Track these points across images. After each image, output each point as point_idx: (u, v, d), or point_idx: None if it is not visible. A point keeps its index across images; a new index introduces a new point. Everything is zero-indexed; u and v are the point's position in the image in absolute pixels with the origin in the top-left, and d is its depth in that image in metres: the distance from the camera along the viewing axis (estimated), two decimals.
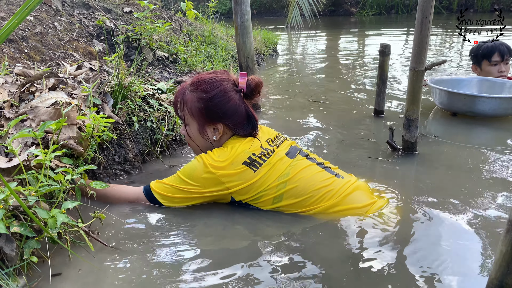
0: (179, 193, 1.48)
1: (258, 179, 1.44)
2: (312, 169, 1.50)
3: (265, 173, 1.45)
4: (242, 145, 1.48)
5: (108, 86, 1.90)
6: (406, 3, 12.37)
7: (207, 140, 1.56)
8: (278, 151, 1.52)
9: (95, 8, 3.72)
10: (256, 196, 1.46)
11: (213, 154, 1.47)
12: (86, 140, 1.46)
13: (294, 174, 1.46)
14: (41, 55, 2.69)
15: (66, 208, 1.12)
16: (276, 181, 1.45)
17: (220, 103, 1.50)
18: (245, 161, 1.45)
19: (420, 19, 1.85)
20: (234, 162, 1.44)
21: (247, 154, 1.46)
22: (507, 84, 2.78)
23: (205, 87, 1.51)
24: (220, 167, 1.44)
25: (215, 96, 1.50)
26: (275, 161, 1.47)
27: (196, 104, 1.51)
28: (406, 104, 2.02)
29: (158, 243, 1.35)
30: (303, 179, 1.45)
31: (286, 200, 1.46)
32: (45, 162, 1.09)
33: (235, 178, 1.44)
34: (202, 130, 1.54)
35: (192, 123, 1.55)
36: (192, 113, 1.53)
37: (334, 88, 3.61)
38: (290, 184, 1.45)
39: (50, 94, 1.51)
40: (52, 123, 1.10)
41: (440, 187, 1.70)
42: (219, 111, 1.51)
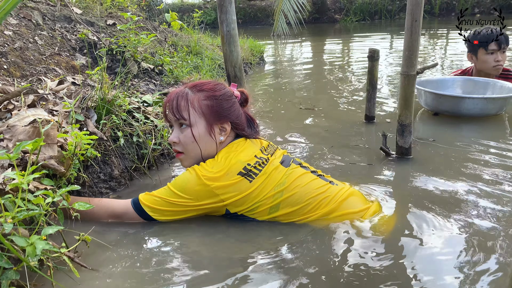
0: (170, 206, 1.41)
1: (254, 189, 1.40)
2: (307, 177, 1.48)
3: (261, 183, 1.41)
4: (237, 156, 1.44)
5: (91, 101, 1.83)
6: (389, 9, 12.50)
7: (213, 141, 1.49)
8: (272, 159, 1.48)
9: (77, 22, 3.64)
10: (252, 207, 1.42)
11: (206, 166, 1.42)
12: (68, 159, 1.38)
13: (290, 182, 1.43)
14: (21, 71, 2.60)
15: (46, 234, 1.04)
16: (272, 190, 1.42)
17: (229, 101, 1.51)
18: (240, 171, 1.40)
19: (410, 23, 1.82)
20: (229, 173, 1.39)
21: (242, 164, 1.42)
22: (490, 83, 2.82)
23: (211, 87, 1.51)
24: (215, 178, 1.38)
25: (224, 94, 1.50)
26: (270, 170, 1.44)
27: (206, 101, 1.48)
28: (398, 109, 1.98)
29: (149, 264, 1.28)
30: (299, 187, 1.43)
31: (283, 209, 1.42)
32: (21, 186, 1.01)
33: (230, 190, 1.39)
34: (210, 128, 1.48)
35: (200, 122, 1.47)
36: (201, 111, 1.47)
37: (323, 95, 3.57)
38: (286, 192, 1.42)
39: (29, 112, 1.43)
40: (28, 143, 1.03)
41: (435, 192, 1.66)
42: (229, 109, 1.50)
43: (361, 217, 1.43)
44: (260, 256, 1.30)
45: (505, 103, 2.54)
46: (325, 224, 1.42)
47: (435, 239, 1.34)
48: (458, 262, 1.22)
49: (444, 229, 1.39)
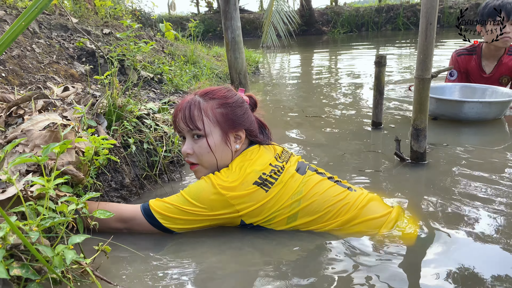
0: (182, 215, 1.34)
1: (271, 199, 1.34)
2: (325, 184, 1.42)
3: (277, 192, 1.35)
4: (252, 165, 1.38)
5: (100, 107, 1.76)
6: (375, 21, 12.71)
7: (229, 150, 1.44)
8: (288, 167, 1.43)
9: (73, 30, 3.57)
10: (269, 217, 1.36)
11: (221, 175, 1.36)
12: (85, 165, 1.31)
13: (308, 191, 1.38)
14: (20, 79, 2.51)
15: (73, 243, 0.97)
16: (289, 199, 1.36)
17: (242, 108, 1.46)
18: (256, 181, 1.34)
19: (424, 26, 1.81)
20: (244, 183, 1.34)
21: (257, 173, 1.36)
22: (488, 89, 2.87)
23: (223, 94, 1.45)
24: (230, 187, 1.32)
25: (236, 101, 1.46)
26: (286, 179, 1.38)
27: (220, 110, 1.42)
28: (413, 114, 1.97)
29: (168, 277, 1.21)
30: (317, 195, 1.38)
31: (301, 218, 1.37)
32: (48, 191, 0.94)
33: (246, 200, 1.33)
34: (226, 137, 1.42)
35: (215, 131, 1.41)
36: (216, 120, 1.41)
37: (325, 103, 3.55)
38: (304, 201, 1.36)
39: (42, 116, 1.36)
40: (56, 146, 0.96)
41: (454, 197, 1.63)
42: (243, 116, 1.45)
43: (384, 223, 1.37)
44: (278, 268, 1.24)
45: (503, 108, 2.58)
46: (346, 232, 1.37)
47: (459, 252, 1.29)
48: (487, 271, 1.18)
49: (469, 242, 1.34)
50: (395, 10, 12.54)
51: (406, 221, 1.42)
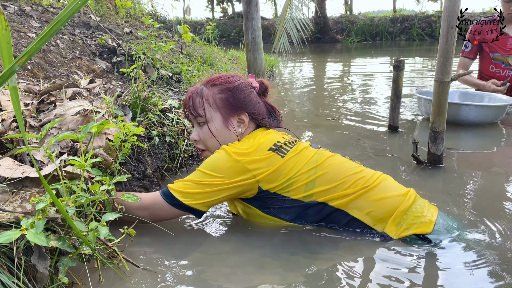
0: (201, 188, 1.33)
1: (287, 164, 1.35)
2: (339, 158, 1.45)
3: (293, 158, 1.37)
4: (264, 136, 1.41)
5: (126, 99, 1.81)
6: (390, 31, 12.71)
7: (232, 133, 1.45)
8: (300, 142, 1.47)
9: (95, 28, 3.65)
10: (286, 183, 1.35)
11: (235, 145, 1.38)
12: (113, 151, 1.36)
13: (323, 160, 1.39)
14: (44, 72, 2.59)
15: (107, 220, 1.01)
16: (306, 167, 1.37)
17: (244, 92, 1.46)
18: (271, 147, 1.37)
19: (445, 29, 1.84)
20: (259, 149, 1.36)
21: (272, 141, 1.39)
22: (486, 96, 2.99)
23: (225, 80, 1.47)
24: (245, 153, 1.34)
25: (238, 85, 1.46)
26: (301, 149, 1.41)
27: (220, 95, 1.44)
28: (431, 116, 1.98)
29: (192, 263, 1.24)
30: (333, 166, 1.39)
31: (319, 186, 1.35)
32: (84, 170, 0.98)
33: (263, 164, 1.34)
34: (227, 121, 1.44)
35: (216, 116, 1.44)
36: (216, 105, 1.43)
37: (340, 108, 3.58)
38: (320, 170, 1.37)
39: (73, 103, 1.41)
40: (94, 125, 1.00)
41: (474, 199, 1.64)
42: (244, 100, 1.45)
43: (402, 202, 1.33)
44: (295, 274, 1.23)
45: (500, 112, 2.70)
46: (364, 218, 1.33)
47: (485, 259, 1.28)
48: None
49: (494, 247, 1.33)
50: (410, 20, 12.55)
51: (422, 203, 1.37)
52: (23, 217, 0.93)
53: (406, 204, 1.33)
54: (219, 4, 16.20)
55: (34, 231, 0.85)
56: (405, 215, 1.32)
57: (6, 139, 1.22)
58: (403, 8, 14.94)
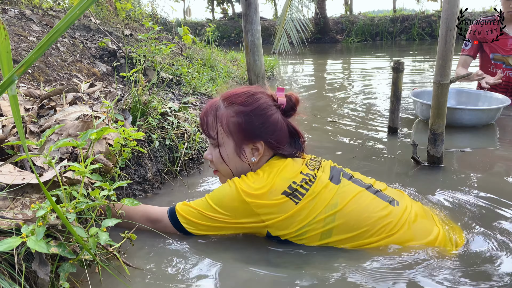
0: (205, 220, 1.28)
1: (301, 211, 1.22)
2: (364, 197, 1.27)
3: (309, 204, 1.23)
4: (280, 172, 1.27)
5: (126, 103, 1.82)
6: (390, 30, 12.71)
7: (244, 162, 1.33)
8: (320, 176, 1.28)
9: (95, 31, 3.66)
10: (299, 232, 1.24)
11: (247, 179, 1.26)
12: (113, 156, 1.36)
13: (344, 205, 1.23)
14: (45, 76, 2.60)
15: (107, 226, 1.02)
16: (323, 213, 1.23)
17: (263, 117, 1.29)
18: (285, 190, 1.23)
19: (444, 32, 1.84)
20: (272, 191, 1.22)
21: (287, 182, 1.24)
22: (481, 94, 3.01)
23: (244, 100, 1.30)
24: (256, 195, 1.22)
25: (257, 109, 1.28)
26: (319, 189, 1.24)
27: (234, 119, 1.29)
28: (430, 118, 1.99)
29: (194, 269, 1.24)
30: (355, 211, 1.23)
31: (337, 235, 1.24)
32: (84, 176, 0.99)
33: (273, 210, 1.22)
34: (240, 149, 1.31)
35: (228, 142, 1.31)
36: (229, 130, 1.29)
37: (340, 109, 3.58)
38: (340, 218, 1.23)
39: (73, 108, 1.42)
40: (93, 132, 1.01)
41: (475, 201, 1.64)
42: (261, 126, 1.29)
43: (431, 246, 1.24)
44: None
45: (495, 114, 2.71)
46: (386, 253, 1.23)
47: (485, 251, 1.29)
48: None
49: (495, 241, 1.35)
50: (410, 20, 12.55)
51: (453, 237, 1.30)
52: (23, 224, 0.93)
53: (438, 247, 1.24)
54: (219, 5, 16.23)
55: (34, 238, 0.86)
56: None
57: (7, 145, 1.23)
58: (403, 7, 14.94)
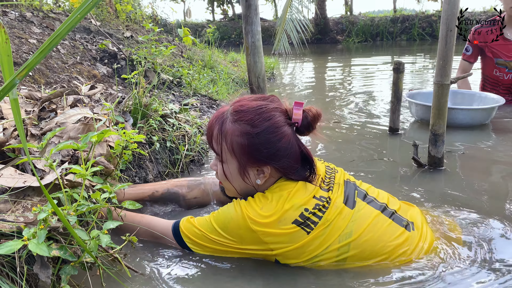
0: (210, 243, 1.21)
1: (313, 241, 1.14)
2: (380, 224, 1.19)
3: (321, 234, 1.14)
4: (292, 197, 1.16)
5: (126, 106, 1.82)
6: (390, 31, 12.71)
7: (248, 184, 1.22)
8: (334, 199, 1.19)
9: (96, 33, 3.67)
10: (310, 261, 1.17)
11: (255, 205, 1.15)
12: (114, 158, 1.37)
13: (359, 234, 1.15)
14: (45, 78, 2.60)
15: (108, 228, 1.02)
16: (336, 243, 1.15)
17: (270, 141, 1.15)
18: (296, 219, 1.13)
19: (444, 32, 1.84)
20: (281, 220, 1.12)
21: (298, 210, 1.14)
22: (476, 95, 3.05)
23: (252, 119, 1.15)
24: (264, 224, 1.12)
25: (264, 131, 1.14)
26: (333, 217, 1.15)
27: (239, 139, 1.15)
28: (431, 119, 1.99)
29: (195, 272, 1.25)
30: (371, 240, 1.16)
31: (351, 263, 1.17)
32: (85, 178, 0.99)
33: (283, 240, 1.13)
34: (243, 171, 1.19)
35: (231, 161, 1.20)
36: (232, 150, 1.17)
37: (341, 110, 3.59)
38: (354, 248, 1.15)
39: (74, 111, 1.42)
40: (94, 135, 1.01)
41: (475, 203, 1.64)
42: (268, 151, 1.15)
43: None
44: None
45: (489, 114, 2.72)
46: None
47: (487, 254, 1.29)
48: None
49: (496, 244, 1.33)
50: (410, 20, 12.54)
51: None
52: (25, 227, 0.93)
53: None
54: (220, 6, 16.24)
55: (36, 241, 0.86)
56: None
57: (8, 148, 1.23)
58: (404, 8, 14.92)
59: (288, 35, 10.19)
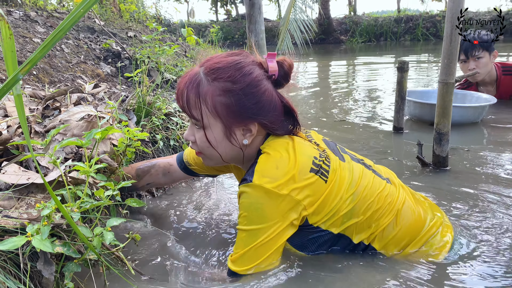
0: (267, 249, 1.09)
1: (331, 191, 1.12)
2: (368, 176, 1.21)
3: (335, 182, 1.13)
4: (297, 148, 1.12)
5: (130, 104, 1.82)
6: (394, 31, 12.68)
7: (235, 146, 1.15)
8: (328, 152, 1.19)
9: (100, 32, 3.68)
10: (329, 214, 1.14)
11: (267, 170, 1.08)
12: (118, 156, 1.36)
13: (357, 183, 1.17)
14: (49, 77, 2.61)
15: (111, 226, 1.01)
16: (345, 192, 1.14)
17: (255, 96, 1.08)
18: (312, 167, 1.09)
19: (449, 30, 1.83)
20: (301, 171, 1.08)
21: (310, 158, 1.11)
22: (468, 94, 3.05)
23: (232, 75, 1.07)
24: (287, 181, 1.06)
25: (248, 86, 1.07)
26: (337, 167, 1.16)
27: (222, 99, 1.07)
28: (436, 118, 1.98)
29: (199, 270, 1.24)
30: (368, 190, 1.17)
31: (354, 218, 1.16)
32: (89, 175, 0.99)
33: (308, 192, 1.09)
34: (229, 133, 1.12)
35: (215, 124, 1.11)
36: (216, 112, 1.08)
37: (344, 109, 3.58)
38: (357, 197, 1.15)
39: (77, 109, 1.42)
40: (98, 132, 1.01)
41: (482, 203, 1.63)
42: (255, 106, 1.09)
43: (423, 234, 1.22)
44: None
45: (480, 112, 2.73)
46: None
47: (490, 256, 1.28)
48: None
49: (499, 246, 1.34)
50: (414, 20, 12.51)
51: (439, 230, 1.26)
52: (28, 223, 0.93)
53: (426, 235, 1.22)
54: (223, 7, 16.26)
55: (39, 238, 0.86)
56: (419, 247, 1.22)
57: (12, 145, 1.23)
58: (407, 8, 14.90)
59: (291, 35, 10.19)
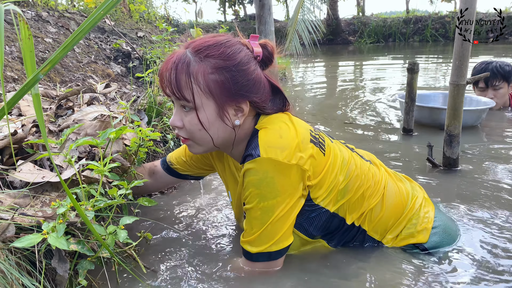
0: (283, 224, 1.10)
1: (329, 164, 1.14)
2: (355, 157, 1.25)
3: (331, 157, 1.15)
4: (293, 121, 1.14)
5: (141, 104, 1.84)
6: (403, 32, 12.61)
7: (228, 126, 1.11)
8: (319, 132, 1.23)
9: (110, 32, 3.71)
10: (328, 190, 1.15)
11: (270, 141, 1.07)
12: (130, 155, 1.38)
13: (348, 161, 1.20)
14: (61, 77, 2.63)
15: (124, 224, 1.03)
16: (339, 169, 1.16)
17: (247, 73, 1.08)
18: (311, 138, 1.11)
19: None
20: (303, 140, 1.09)
21: (307, 130, 1.13)
22: (467, 98, 2.99)
23: (223, 52, 1.05)
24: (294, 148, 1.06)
25: (240, 63, 1.06)
26: (329, 143, 1.19)
27: (214, 76, 1.05)
28: (446, 119, 1.97)
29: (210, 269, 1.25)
30: (357, 168, 1.21)
31: (346, 195, 1.18)
32: (103, 174, 1.00)
33: (313, 163, 1.10)
34: (222, 111, 1.08)
35: (208, 104, 1.07)
36: (209, 90, 1.05)
37: (353, 110, 3.57)
38: (349, 175, 1.18)
39: (91, 108, 1.44)
40: (112, 131, 1.02)
41: (492, 205, 1.62)
42: (248, 83, 1.08)
43: (406, 213, 1.26)
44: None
45: (479, 115, 2.73)
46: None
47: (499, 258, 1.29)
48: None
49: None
50: (423, 21, 12.44)
51: (420, 207, 1.31)
52: (44, 221, 0.95)
53: (409, 214, 1.27)
54: (231, 7, 16.29)
55: (55, 235, 0.87)
56: (404, 226, 1.27)
57: (26, 144, 1.25)
58: (416, 9, 14.82)
59: (299, 35, 10.18)
